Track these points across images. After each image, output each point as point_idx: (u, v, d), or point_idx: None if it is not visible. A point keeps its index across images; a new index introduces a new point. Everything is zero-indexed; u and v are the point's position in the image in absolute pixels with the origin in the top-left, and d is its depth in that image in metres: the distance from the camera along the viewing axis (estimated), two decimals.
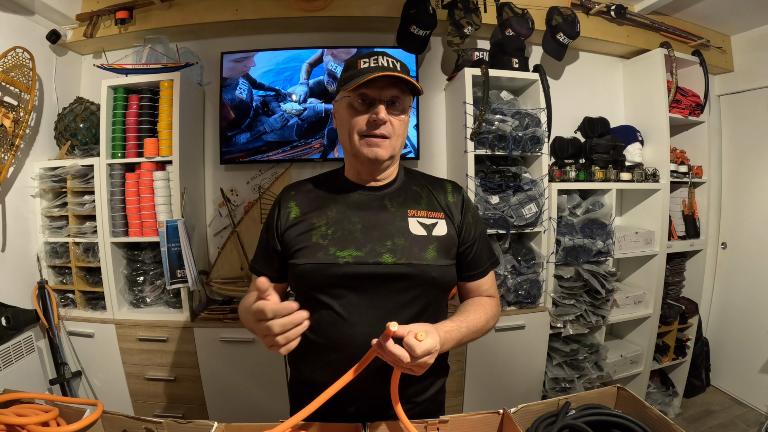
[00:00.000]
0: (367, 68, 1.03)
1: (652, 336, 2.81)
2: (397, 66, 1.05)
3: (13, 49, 2.15)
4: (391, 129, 1.06)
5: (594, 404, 1.07)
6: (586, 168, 2.70)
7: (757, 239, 3.07)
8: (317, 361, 1.09)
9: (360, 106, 1.05)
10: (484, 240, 1.21)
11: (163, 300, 2.52)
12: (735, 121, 3.24)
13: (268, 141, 2.60)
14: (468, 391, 2.44)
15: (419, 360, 0.83)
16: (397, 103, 1.05)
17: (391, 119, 1.05)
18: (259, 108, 2.58)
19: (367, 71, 1.02)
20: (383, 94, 1.04)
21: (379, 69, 1.02)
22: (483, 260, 1.20)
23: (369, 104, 1.05)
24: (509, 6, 2.54)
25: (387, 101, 1.04)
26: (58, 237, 2.43)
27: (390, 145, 1.07)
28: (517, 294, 2.43)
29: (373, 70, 1.02)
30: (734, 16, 2.89)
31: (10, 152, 2.16)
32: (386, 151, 1.07)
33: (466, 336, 1.04)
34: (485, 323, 1.10)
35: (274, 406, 2.32)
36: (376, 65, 1.04)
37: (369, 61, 1.05)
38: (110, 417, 1.05)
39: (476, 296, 1.21)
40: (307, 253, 1.07)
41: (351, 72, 1.07)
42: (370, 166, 1.11)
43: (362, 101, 1.05)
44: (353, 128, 1.06)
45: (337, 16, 2.54)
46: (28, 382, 2.21)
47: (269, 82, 2.59)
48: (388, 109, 1.04)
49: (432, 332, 0.89)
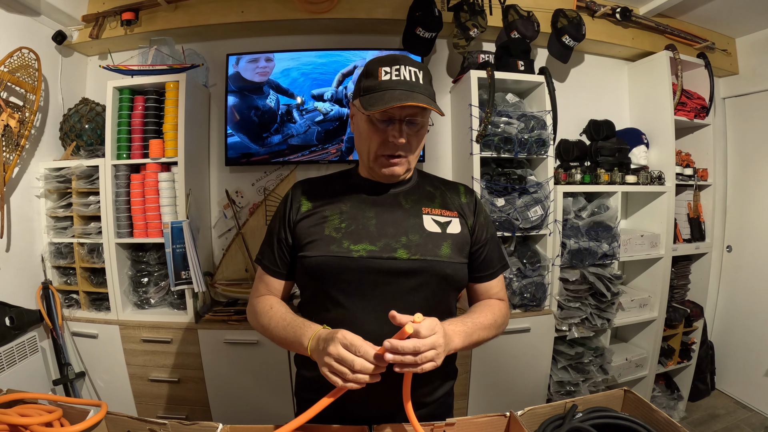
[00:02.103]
0: (389, 81, 1.01)
1: (657, 339, 2.80)
2: (420, 77, 1.03)
3: (19, 49, 2.16)
4: (409, 147, 1.06)
5: (601, 407, 1.06)
6: (591, 171, 2.69)
7: (762, 242, 3.06)
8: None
9: (381, 124, 1.04)
10: (495, 242, 1.21)
11: (168, 301, 2.51)
12: (740, 124, 3.23)
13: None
14: (473, 394, 2.43)
15: (425, 350, 0.84)
16: (417, 120, 1.04)
17: (409, 137, 1.04)
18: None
19: (388, 86, 1.00)
20: (403, 112, 1.02)
21: (401, 85, 1.00)
22: (494, 262, 1.20)
23: (388, 120, 1.03)
24: (515, 8, 2.54)
25: (408, 120, 1.03)
26: (62, 237, 2.43)
27: (407, 161, 1.07)
28: (523, 297, 2.42)
29: (394, 85, 1.00)
30: (739, 18, 2.89)
31: (15, 152, 2.16)
32: (403, 168, 1.07)
33: (474, 333, 1.03)
34: (493, 323, 1.10)
35: (278, 409, 2.32)
36: (398, 78, 1.01)
37: (391, 71, 1.02)
38: (114, 418, 1.04)
39: (485, 299, 1.20)
40: (319, 246, 1.06)
41: (371, 82, 1.04)
42: (388, 179, 1.12)
43: (383, 120, 1.04)
44: (371, 144, 1.06)
45: (343, 18, 2.54)
46: (32, 382, 2.21)
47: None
48: (407, 126, 1.03)
49: (437, 328, 0.88)
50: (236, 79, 2.58)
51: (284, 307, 1.12)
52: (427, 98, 1.01)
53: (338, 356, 0.86)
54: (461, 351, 1.03)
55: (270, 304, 1.13)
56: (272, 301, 1.14)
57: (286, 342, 1.04)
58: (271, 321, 1.08)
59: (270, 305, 1.12)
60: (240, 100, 2.59)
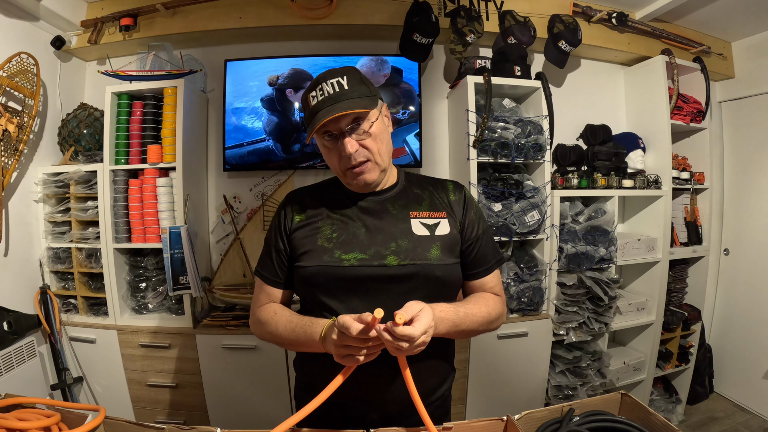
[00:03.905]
0: (316, 104, 1.03)
1: (655, 343, 2.80)
2: (343, 84, 1.03)
3: (18, 54, 2.17)
4: (367, 152, 1.05)
5: (598, 411, 1.06)
6: (588, 175, 2.70)
7: (759, 245, 3.06)
8: (324, 365, 1.08)
9: (329, 143, 1.07)
10: (488, 237, 1.20)
11: (166, 306, 2.51)
12: (736, 128, 3.25)
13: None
14: (471, 399, 2.43)
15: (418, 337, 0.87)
16: (362, 123, 1.04)
17: (361, 143, 1.05)
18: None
19: (316, 108, 1.02)
20: (342, 125, 1.03)
21: (326, 102, 1.01)
22: (488, 257, 1.19)
23: (336, 137, 1.05)
24: (511, 14, 2.56)
25: (349, 129, 1.04)
26: (60, 242, 2.43)
27: (374, 165, 1.07)
28: (520, 301, 2.43)
29: (320, 106, 1.01)
30: (735, 22, 2.91)
31: (13, 157, 2.17)
32: (373, 173, 1.08)
33: (463, 322, 1.04)
34: (486, 316, 1.10)
35: (276, 414, 2.31)
36: (323, 96, 1.02)
37: (316, 94, 1.04)
38: (112, 423, 1.04)
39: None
40: (312, 256, 1.07)
41: (306, 112, 1.07)
42: (364, 189, 1.13)
43: (329, 137, 1.06)
44: (333, 163, 1.09)
45: (341, 24, 2.56)
46: (30, 387, 2.20)
47: None
48: (354, 135, 1.04)
49: (425, 309, 0.91)
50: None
51: (287, 311, 1.13)
52: (351, 102, 1.01)
53: (341, 342, 0.90)
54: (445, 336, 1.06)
55: (273, 310, 1.14)
56: (275, 307, 1.15)
57: (298, 343, 1.06)
58: (278, 327, 1.09)
59: (273, 311, 1.13)
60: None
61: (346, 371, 0.93)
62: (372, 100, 1.05)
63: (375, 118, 1.06)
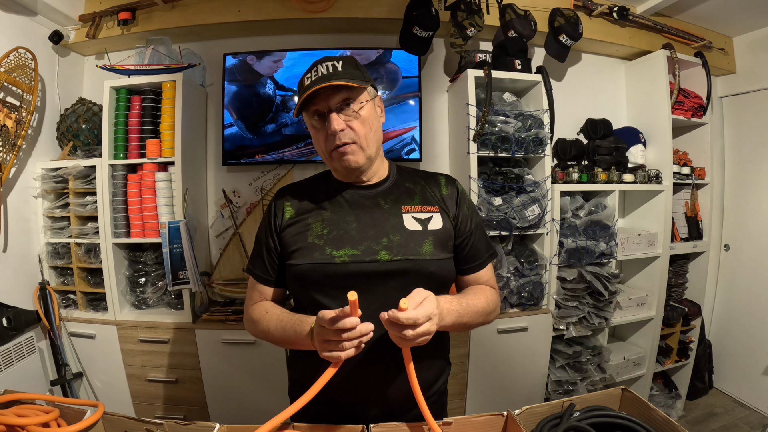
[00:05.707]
0: (309, 84, 1.02)
1: (655, 338, 2.80)
2: (338, 66, 1.03)
3: (16, 49, 2.16)
4: (353, 133, 1.04)
5: (598, 406, 1.06)
6: (588, 170, 2.70)
7: (759, 241, 3.06)
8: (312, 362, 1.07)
9: (317, 123, 1.06)
10: (481, 231, 1.20)
11: (165, 301, 2.51)
12: (737, 123, 3.24)
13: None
14: (470, 393, 2.43)
15: (420, 324, 0.86)
16: (351, 104, 1.04)
17: (349, 123, 1.04)
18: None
19: (308, 87, 1.02)
20: (331, 103, 1.03)
21: (318, 81, 1.01)
22: (481, 252, 1.18)
23: (322, 116, 1.05)
24: (512, 7, 2.54)
25: (338, 108, 1.03)
26: (59, 238, 2.43)
27: (359, 148, 1.06)
28: (520, 296, 2.43)
29: (312, 84, 1.01)
30: (736, 17, 2.89)
31: (12, 153, 2.16)
32: (358, 155, 1.06)
33: (467, 313, 1.04)
34: (485, 308, 1.10)
35: (276, 409, 2.29)
36: (316, 76, 1.02)
37: (311, 74, 1.04)
38: (111, 418, 1.04)
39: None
40: (303, 254, 1.07)
41: (300, 92, 1.06)
42: (351, 173, 1.11)
43: (318, 117, 1.05)
44: (320, 144, 1.08)
45: (340, 18, 2.54)
46: (29, 382, 2.20)
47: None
48: (342, 114, 1.03)
49: (431, 296, 0.91)
50: (244, 70, 2.60)
51: (278, 308, 1.13)
52: (342, 79, 1.01)
53: (322, 336, 0.90)
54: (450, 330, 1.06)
55: (264, 308, 1.13)
56: (266, 306, 1.15)
57: (289, 341, 1.06)
58: (269, 325, 1.09)
59: (265, 310, 1.13)
60: (243, 87, 2.61)
61: (336, 363, 0.92)
62: (363, 82, 1.04)
63: (365, 100, 1.06)
